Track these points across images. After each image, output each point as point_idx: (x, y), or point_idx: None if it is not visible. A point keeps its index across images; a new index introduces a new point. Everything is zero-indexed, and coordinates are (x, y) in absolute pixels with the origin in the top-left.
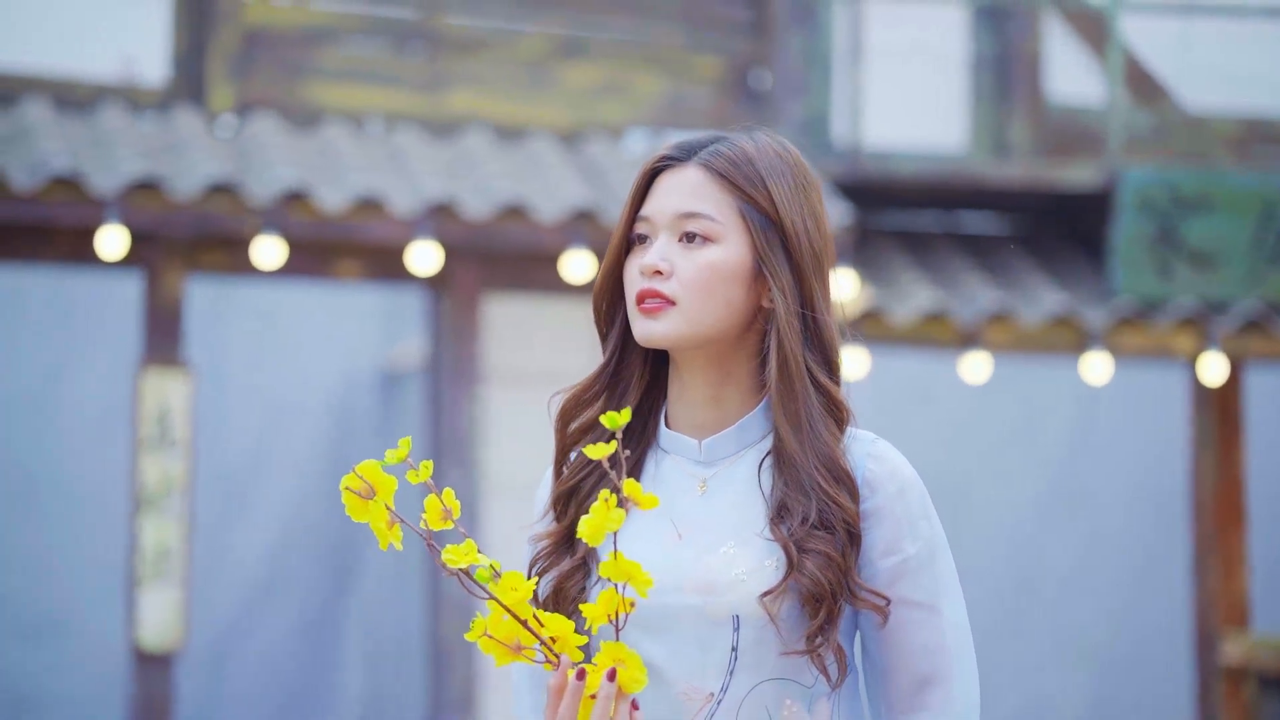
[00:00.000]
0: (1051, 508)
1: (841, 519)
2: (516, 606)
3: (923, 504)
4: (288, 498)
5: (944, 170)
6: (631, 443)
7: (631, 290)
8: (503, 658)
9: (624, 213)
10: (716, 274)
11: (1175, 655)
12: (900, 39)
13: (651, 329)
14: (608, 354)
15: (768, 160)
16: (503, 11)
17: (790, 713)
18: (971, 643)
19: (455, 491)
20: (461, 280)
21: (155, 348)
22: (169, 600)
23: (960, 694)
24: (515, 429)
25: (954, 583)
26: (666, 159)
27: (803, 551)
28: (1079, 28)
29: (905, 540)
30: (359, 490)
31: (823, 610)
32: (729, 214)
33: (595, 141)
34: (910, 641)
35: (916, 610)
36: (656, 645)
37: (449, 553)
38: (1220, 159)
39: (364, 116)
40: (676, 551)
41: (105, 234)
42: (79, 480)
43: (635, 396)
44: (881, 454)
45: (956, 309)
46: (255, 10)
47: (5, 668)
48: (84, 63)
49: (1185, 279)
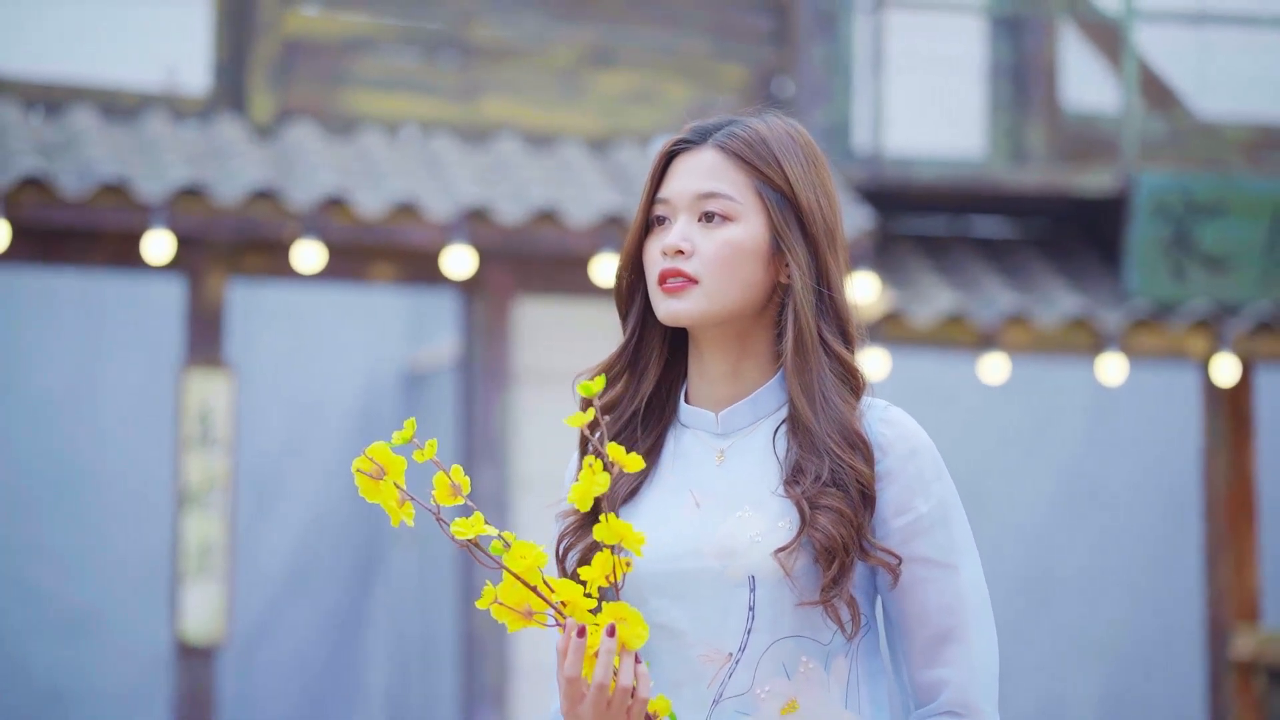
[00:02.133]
0: (1066, 506)
1: (855, 479)
2: (526, 574)
3: (935, 466)
4: (315, 496)
5: (963, 176)
6: (652, 420)
7: (653, 270)
8: (514, 624)
9: (643, 196)
10: (736, 251)
11: (1188, 651)
12: (920, 48)
13: (675, 307)
14: (628, 334)
15: (780, 140)
16: (534, 21)
17: (806, 669)
18: (989, 601)
19: (487, 489)
20: (494, 283)
21: (197, 349)
22: (211, 595)
23: (979, 650)
24: (545, 428)
25: (969, 543)
26: (682, 142)
27: (815, 508)
28: (1094, 36)
29: (917, 499)
30: (370, 471)
31: (835, 563)
32: (746, 193)
33: (624, 148)
34: (927, 599)
35: (933, 569)
36: (678, 609)
37: (458, 525)
38: (1233, 165)
39: (399, 124)
40: (695, 519)
41: (151, 238)
42: (120, 478)
43: (654, 375)
44: (893, 419)
45: (975, 311)
46: (293, 21)
47: (48, 663)
48: (128, 72)
49: (1199, 282)
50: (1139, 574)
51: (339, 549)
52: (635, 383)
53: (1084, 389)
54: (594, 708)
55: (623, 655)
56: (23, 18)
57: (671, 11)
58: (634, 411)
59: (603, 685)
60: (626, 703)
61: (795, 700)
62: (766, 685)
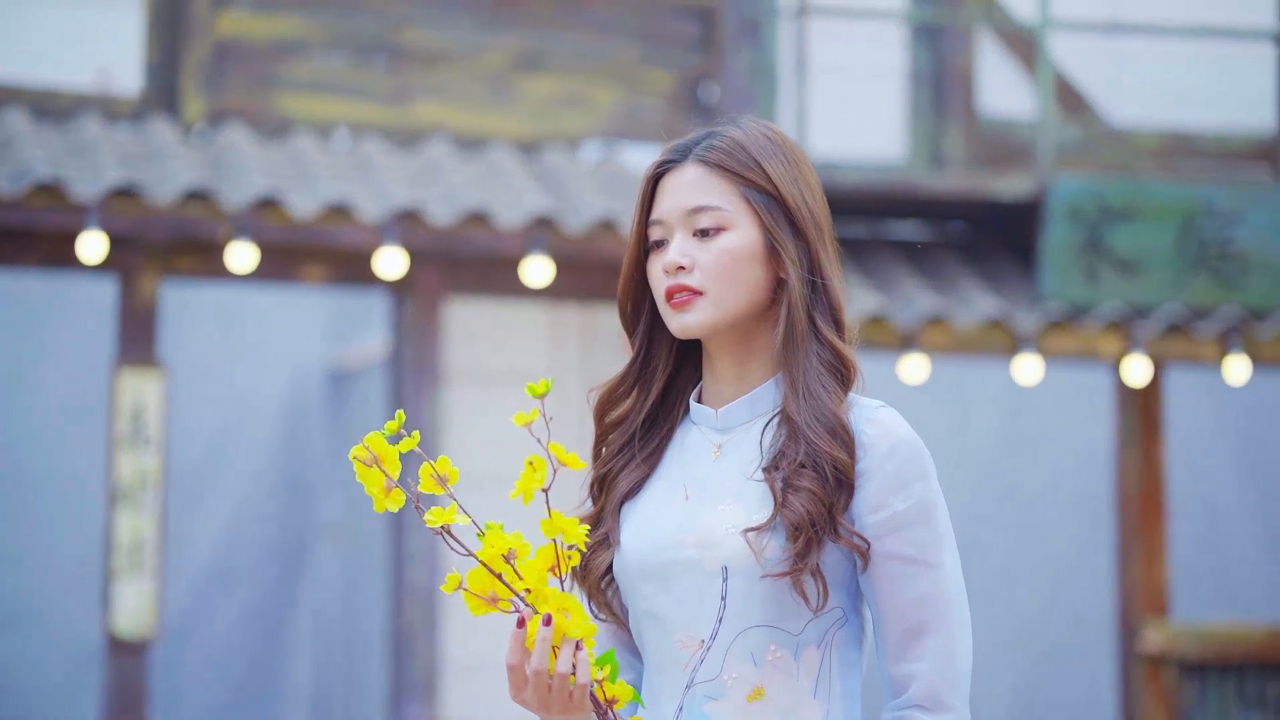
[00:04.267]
0: (984, 504)
1: (831, 464)
2: (492, 561)
3: (918, 466)
4: (241, 493)
5: (883, 180)
6: (660, 422)
7: (659, 289)
8: (477, 609)
9: (635, 219)
10: (734, 258)
11: (1100, 645)
12: (842, 55)
13: (685, 320)
14: (635, 350)
15: (758, 143)
16: (464, 26)
17: (775, 658)
18: (965, 601)
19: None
20: (425, 283)
21: (130, 348)
22: (143, 590)
23: (950, 646)
24: (474, 426)
25: (949, 543)
26: (665, 163)
27: (790, 489)
28: (1011, 45)
29: (894, 497)
30: (364, 459)
31: (803, 537)
32: (734, 200)
33: (553, 151)
34: (902, 595)
35: (909, 565)
36: (662, 597)
37: (431, 513)
38: (1144, 170)
39: (330, 127)
40: (682, 511)
41: (86, 239)
42: (53, 475)
43: (661, 383)
44: (878, 419)
45: (895, 312)
46: (225, 23)
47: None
48: (61, 74)
49: (1111, 284)
50: (1054, 570)
51: (264, 545)
52: (645, 393)
53: (1001, 389)
54: (535, 693)
55: (564, 643)
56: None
57: (599, 17)
58: (644, 419)
59: (539, 671)
60: (568, 688)
61: (761, 687)
62: (734, 672)
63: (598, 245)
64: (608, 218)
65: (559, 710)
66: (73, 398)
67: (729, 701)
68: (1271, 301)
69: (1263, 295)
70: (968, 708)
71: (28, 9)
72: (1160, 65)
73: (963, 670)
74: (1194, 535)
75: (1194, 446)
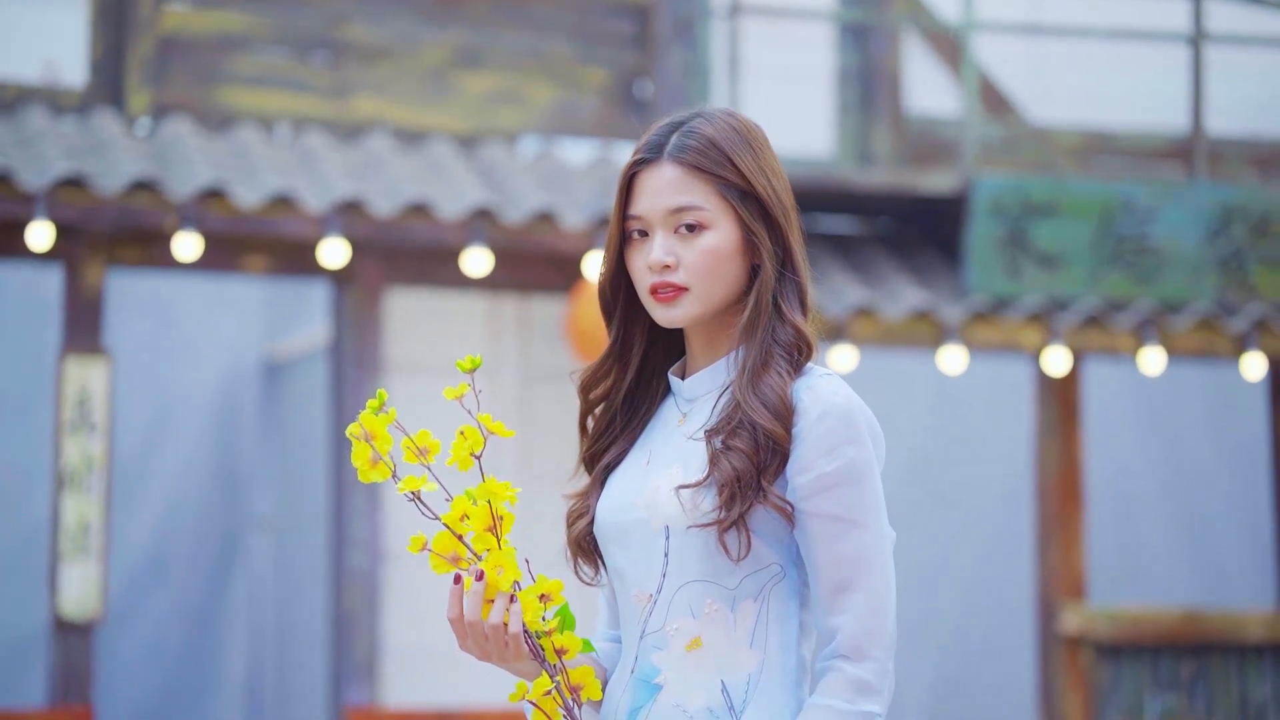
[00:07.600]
0: (909, 492)
1: (765, 431)
2: (453, 524)
3: (849, 430)
4: (176, 482)
5: (813, 176)
6: (640, 396)
7: (643, 283)
8: (440, 567)
9: (615, 213)
10: (717, 257)
11: (1021, 628)
12: (773, 54)
13: (672, 314)
14: (613, 334)
15: (726, 137)
16: (403, 22)
17: (711, 610)
18: (890, 560)
19: (354, 472)
20: (366, 274)
21: (76, 336)
22: (89, 573)
23: (872, 599)
24: (414, 415)
25: (877, 504)
26: (641, 161)
27: (725, 450)
28: (936, 46)
29: (820, 459)
30: (358, 435)
31: (727, 491)
32: (712, 199)
33: (491, 146)
34: (830, 551)
35: (835, 524)
36: (622, 555)
37: (405, 481)
38: (1064, 168)
39: (273, 120)
40: (641, 475)
41: (33, 228)
42: (1, 460)
43: (637, 362)
44: (816, 385)
45: (825, 304)
46: (170, 18)
47: None
48: (7, 66)
49: (1033, 278)
50: (977, 557)
51: (198, 536)
52: (623, 372)
53: (927, 379)
54: (475, 643)
55: (498, 596)
56: None
57: (537, 15)
58: (624, 395)
59: (473, 623)
60: (503, 637)
61: (699, 638)
62: (675, 623)
63: (536, 237)
64: (545, 210)
65: (498, 659)
66: (23, 384)
67: (671, 651)
68: (1185, 295)
69: (1177, 289)
70: (890, 659)
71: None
72: (1080, 67)
73: (885, 624)
74: (1110, 522)
75: (1110, 436)
